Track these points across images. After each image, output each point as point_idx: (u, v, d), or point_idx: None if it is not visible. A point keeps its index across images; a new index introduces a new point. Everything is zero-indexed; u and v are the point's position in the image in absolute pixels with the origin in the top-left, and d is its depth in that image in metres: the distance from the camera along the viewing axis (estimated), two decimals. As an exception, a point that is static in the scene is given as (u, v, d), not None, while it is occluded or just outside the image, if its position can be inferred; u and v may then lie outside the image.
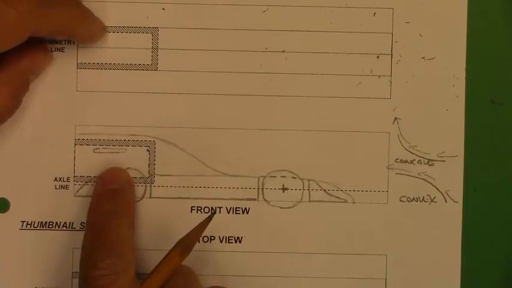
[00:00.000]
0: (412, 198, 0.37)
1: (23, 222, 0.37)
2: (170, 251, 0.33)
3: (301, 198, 0.37)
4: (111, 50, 0.37)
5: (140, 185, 0.37)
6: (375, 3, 0.37)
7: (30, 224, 0.37)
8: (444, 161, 0.37)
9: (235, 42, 0.37)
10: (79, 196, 0.37)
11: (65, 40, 0.37)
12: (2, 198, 0.37)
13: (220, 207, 0.37)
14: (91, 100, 0.37)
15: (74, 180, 0.37)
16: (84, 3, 0.36)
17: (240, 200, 0.37)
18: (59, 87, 0.37)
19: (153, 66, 0.37)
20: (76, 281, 0.37)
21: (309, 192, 0.37)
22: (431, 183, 0.37)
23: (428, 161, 0.37)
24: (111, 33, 0.37)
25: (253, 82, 0.37)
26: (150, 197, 0.37)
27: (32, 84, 0.36)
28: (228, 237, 0.37)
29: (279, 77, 0.37)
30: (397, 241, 0.37)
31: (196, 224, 0.34)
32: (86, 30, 0.35)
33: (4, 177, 0.37)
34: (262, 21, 0.37)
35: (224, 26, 0.37)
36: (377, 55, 0.37)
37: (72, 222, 0.37)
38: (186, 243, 0.33)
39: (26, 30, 0.30)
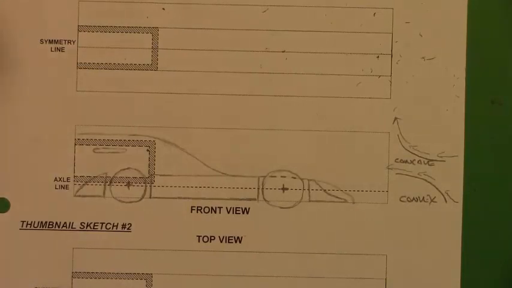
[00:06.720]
0: (412, 198, 0.37)
1: (23, 222, 0.37)
2: None
3: (301, 198, 0.37)
4: (111, 50, 0.37)
5: (140, 185, 0.37)
6: (375, 3, 0.37)
7: (30, 224, 0.37)
8: (444, 161, 0.37)
9: (235, 42, 0.37)
10: (79, 196, 0.37)
11: (65, 40, 0.37)
12: (2, 198, 0.37)
13: (220, 207, 0.37)
14: (91, 100, 0.37)
15: (74, 180, 0.37)
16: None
17: (240, 200, 0.37)
18: (59, 87, 0.37)
19: (153, 66, 0.37)
20: (76, 281, 0.37)
21: (309, 192, 0.37)
22: (431, 183, 0.37)
23: (428, 161, 0.37)
24: (111, 33, 0.37)
25: (253, 82, 0.37)
26: (150, 197, 0.37)
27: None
28: (228, 237, 0.37)
29: (279, 77, 0.37)
30: (397, 241, 0.37)
31: None
32: None
33: (4, 177, 0.37)
34: (262, 21, 0.37)
35: (224, 26, 0.37)
36: (377, 55, 0.37)
37: (72, 222, 0.37)
38: None
39: None
